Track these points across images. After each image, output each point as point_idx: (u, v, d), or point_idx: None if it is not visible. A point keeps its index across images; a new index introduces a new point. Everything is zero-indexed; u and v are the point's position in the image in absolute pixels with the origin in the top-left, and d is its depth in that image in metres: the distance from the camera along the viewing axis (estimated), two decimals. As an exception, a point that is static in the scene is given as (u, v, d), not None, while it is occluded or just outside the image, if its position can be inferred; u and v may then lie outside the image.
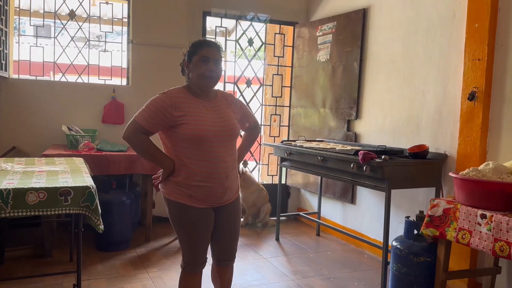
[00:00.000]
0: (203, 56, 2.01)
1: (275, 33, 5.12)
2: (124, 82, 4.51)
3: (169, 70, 4.19)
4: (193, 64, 2.03)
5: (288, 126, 5.12)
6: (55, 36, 4.32)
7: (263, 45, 5.12)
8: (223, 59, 2.10)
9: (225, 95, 2.20)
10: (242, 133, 2.35)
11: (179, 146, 2.00)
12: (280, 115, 5.17)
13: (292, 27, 5.02)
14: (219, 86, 2.20)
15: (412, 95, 3.51)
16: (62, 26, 4.34)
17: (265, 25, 5.06)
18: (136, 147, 2.04)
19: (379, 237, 3.60)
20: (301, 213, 4.59)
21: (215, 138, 2.00)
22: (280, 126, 5.17)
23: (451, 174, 2.49)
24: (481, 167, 2.40)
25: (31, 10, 4.39)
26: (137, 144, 2.02)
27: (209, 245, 2.17)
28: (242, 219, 4.65)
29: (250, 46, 4.98)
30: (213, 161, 2.00)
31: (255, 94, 5.06)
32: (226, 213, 2.13)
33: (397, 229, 3.39)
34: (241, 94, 4.93)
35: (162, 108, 1.96)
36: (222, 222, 2.13)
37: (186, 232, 2.06)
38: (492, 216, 2.15)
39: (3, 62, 3.93)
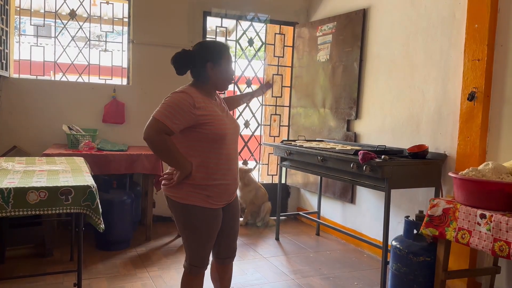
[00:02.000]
0: (230, 61, 2.08)
1: (275, 33, 5.12)
2: (125, 82, 4.52)
3: (170, 70, 4.13)
4: (222, 67, 2.04)
5: (288, 126, 5.13)
6: (56, 35, 4.33)
7: (263, 45, 5.13)
8: None
9: (217, 94, 2.22)
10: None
11: (198, 146, 1.98)
12: (280, 115, 5.18)
13: (292, 27, 5.02)
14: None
15: (412, 95, 3.51)
16: (62, 25, 4.34)
17: (265, 25, 5.06)
18: (159, 148, 1.91)
19: (378, 236, 3.61)
20: (301, 213, 4.60)
21: (230, 136, 2.06)
22: (280, 126, 5.18)
23: (450, 174, 2.49)
24: (480, 167, 2.41)
25: (32, 10, 4.40)
26: (161, 145, 1.90)
27: None
28: (241, 218, 4.66)
29: (250, 46, 4.99)
30: (229, 158, 2.05)
31: (255, 94, 5.06)
32: (229, 210, 2.16)
33: (397, 228, 3.40)
34: (242, 94, 4.93)
35: (185, 108, 1.90)
36: (227, 220, 2.15)
37: (199, 235, 2.04)
38: (492, 216, 2.16)
39: (4, 61, 3.94)
